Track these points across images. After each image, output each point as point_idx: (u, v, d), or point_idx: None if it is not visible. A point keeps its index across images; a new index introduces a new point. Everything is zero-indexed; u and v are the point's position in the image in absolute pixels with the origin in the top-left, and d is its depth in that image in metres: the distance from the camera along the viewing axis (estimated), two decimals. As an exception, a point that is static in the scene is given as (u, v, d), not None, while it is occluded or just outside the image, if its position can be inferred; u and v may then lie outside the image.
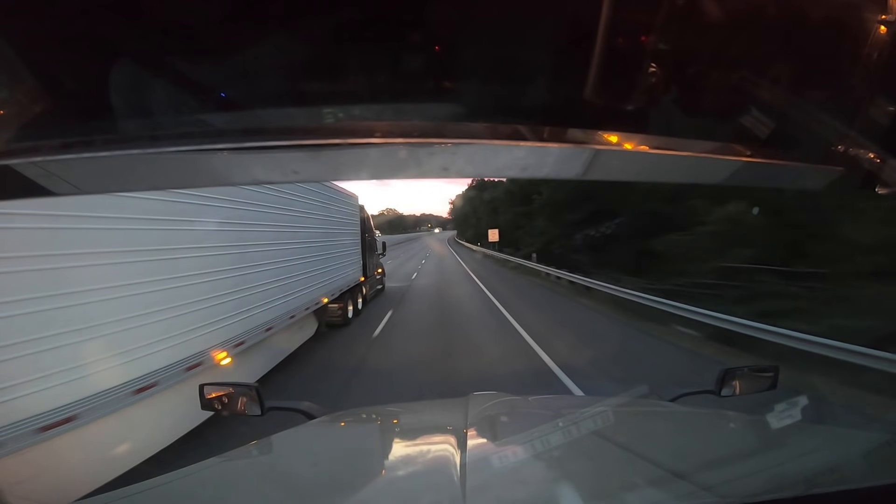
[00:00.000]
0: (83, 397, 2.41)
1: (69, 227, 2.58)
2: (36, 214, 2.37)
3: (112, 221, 2.87)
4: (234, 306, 4.15)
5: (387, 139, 0.62)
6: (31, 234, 2.31)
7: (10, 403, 2.05)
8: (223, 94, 0.62)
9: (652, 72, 0.57)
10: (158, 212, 3.34)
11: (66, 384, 2.34)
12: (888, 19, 0.58)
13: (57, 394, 2.29)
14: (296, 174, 0.76)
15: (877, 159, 0.66)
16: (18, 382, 2.12)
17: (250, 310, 4.48)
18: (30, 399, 2.16)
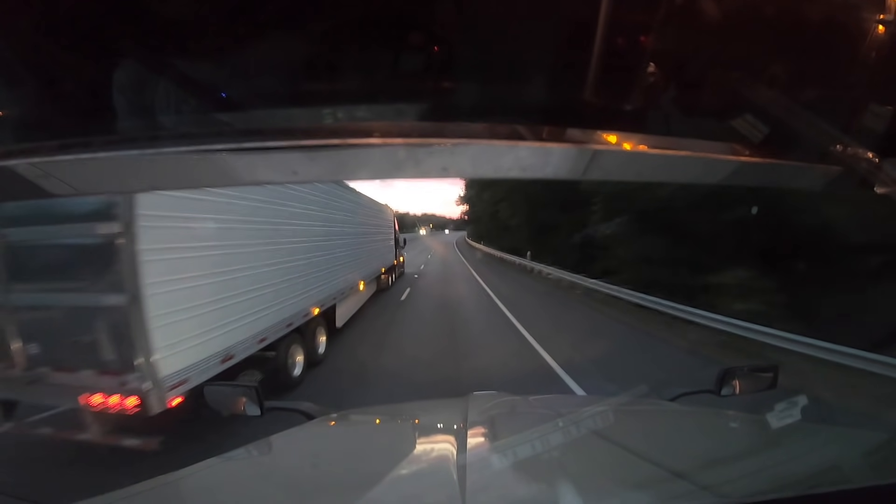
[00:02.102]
0: (238, 342, 3.74)
1: (219, 226, 3.60)
2: (195, 217, 3.30)
3: (245, 222, 4.05)
4: (327, 276, 6.16)
5: (386, 139, 0.62)
6: (198, 231, 3.27)
7: (201, 347, 3.23)
8: (223, 95, 0.62)
9: (651, 72, 0.57)
10: (277, 215, 4.66)
11: (227, 334, 3.60)
12: (886, 19, 0.58)
13: (224, 340, 3.53)
14: (295, 174, 0.76)
15: (875, 159, 0.67)
16: (211, 329, 3.35)
17: (342, 274, 6.94)
18: (215, 342, 3.40)
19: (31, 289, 2.85)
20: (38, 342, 2.84)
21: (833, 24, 0.60)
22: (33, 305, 2.87)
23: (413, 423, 1.64)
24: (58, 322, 2.83)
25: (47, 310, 2.85)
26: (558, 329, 8.50)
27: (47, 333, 2.86)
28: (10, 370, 2.84)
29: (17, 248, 2.76)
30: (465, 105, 0.64)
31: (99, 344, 2.71)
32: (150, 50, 0.57)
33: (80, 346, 2.74)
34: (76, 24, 0.53)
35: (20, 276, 2.83)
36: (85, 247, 2.64)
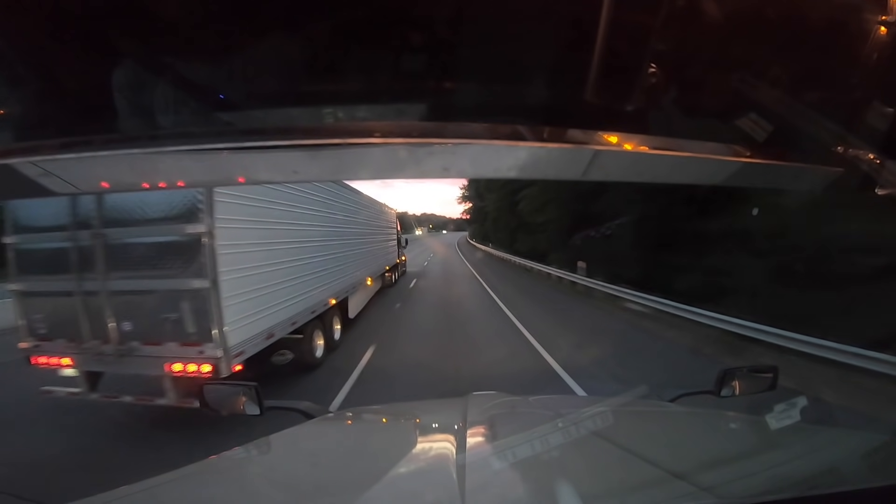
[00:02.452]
0: (277, 323, 4.49)
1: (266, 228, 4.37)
2: (251, 220, 4.07)
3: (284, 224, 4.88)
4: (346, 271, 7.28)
5: (387, 139, 0.62)
6: (252, 232, 4.08)
7: (254, 324, 4.00)
8: (222, 95, 0.62)
9: (652, 72, 0.57)
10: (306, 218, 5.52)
11: (285, 311, 4.64)
12: (888, 20, 0.58)
13: (269, 321, 4.29)
14: (295, 174, 0.76)
15: (876, 160, 0.66)
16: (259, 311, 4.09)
17: (353, 270, 7.85)
18: (262, 322, 4.14)
19: (125, 276, 3.46)
20: (131, 321, 3.49)
21: (834, 26, 0.60)
22: (127, 290, 3.48)
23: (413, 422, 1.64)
24: (149, 303, 3.45)
25: (140, 294, 3.47)
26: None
27: (139, 313, 3.48)
28: (104, 346, 3.51)
29: (113, 245, 3.43)
30: (465, 105, 0.64)
31: (183, 320, 3.40)
32: (152, 49, 0.57)
33: (168, 322, 3.41)
34: (77, 24, 0.53)
35: (116, 267, 3.45)
36: (176, 242, 3.36)
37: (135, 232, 3.40)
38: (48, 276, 3.64)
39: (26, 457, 3.29)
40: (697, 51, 0.60)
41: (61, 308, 3.61)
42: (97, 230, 3.42)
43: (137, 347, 3.49)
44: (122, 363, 3.53)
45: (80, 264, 3.50)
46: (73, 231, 3.47)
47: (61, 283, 3.57)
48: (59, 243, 3.52)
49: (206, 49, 0.57)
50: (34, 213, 3.61)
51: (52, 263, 3.59)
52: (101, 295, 3.49)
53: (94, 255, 3.46)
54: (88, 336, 3.57)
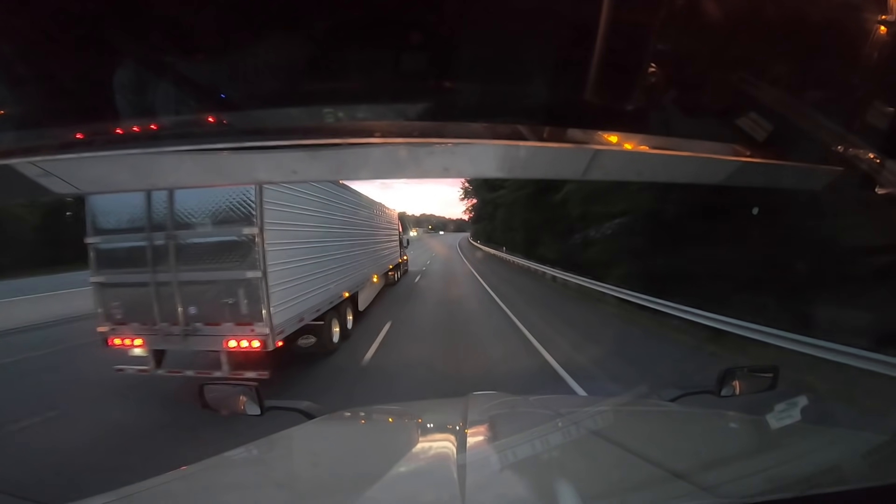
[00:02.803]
0: (306, 309, 5.22)
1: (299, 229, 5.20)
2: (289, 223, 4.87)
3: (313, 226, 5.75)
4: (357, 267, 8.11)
5: (387, 139, 0.62)
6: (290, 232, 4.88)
7: (299, 306, 4.96)
8: (223, 95, 0.62)
9: (652, 72, 0.57)
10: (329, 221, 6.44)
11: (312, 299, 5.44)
12: (888, 20, 0.58)
13: (300, 307, 5.05)
14: (295, 174, 0.76)
15: (876, 160, 0.66)
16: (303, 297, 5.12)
17: (363, 268, 8.67)
18: (300, 307, 5.01)
19: (192, 269, 4.20)
20: (196, 306, 4.23)
21: (834, 26, 0.60)
22: (193, 281, 4.22)
23: (413, 422, 1.64)
24: (211, 291, 4.22)
25: (204, 283, 4.23)
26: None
27: (202, 299, 4.23)
28: (172, 327, 4.26)
29: (183, 244, 4.20)
30: (466, 105, 0.64)
31: (239, 304, 4.17)
32: (152, 50, 0.57)
33: (226, 306, 4.18)
34: (78, 25, 0.53)
35: (185, 261, 4.20)
36: (234, 242, 4.15)
37: (201, 233, 4.19)
38: (125, 270, 4.37)
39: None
40: (697, 50, 0.60)
41: (135, 297, 4.34)
42: (170, 232, 4.19)
43: (200, 328, 4.26)
44: (187, 342, 4.28)
45: (154, 260, 4.24)
46: (148, 233, 4.23)
47: (137, 275, 4.30)
48: (136, 243, 4.28)
49: (207, 49, 0.57)
50: (112, 217, 4.36)
51: (129, 259, 4.34)
52: (172, 285, 4.24)
53: (167, 252, 4.20)
54: (159, 319, 4.28)
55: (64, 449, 3.48)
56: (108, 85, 0.56)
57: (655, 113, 0.63)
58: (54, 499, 2.70)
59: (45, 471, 3.12)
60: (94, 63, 0.57)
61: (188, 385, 4.11)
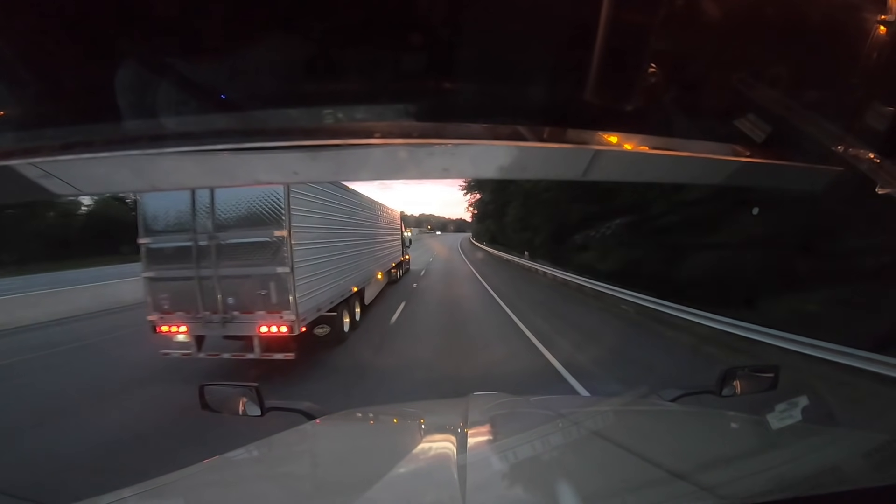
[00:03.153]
0: (322, 301, 6.03)
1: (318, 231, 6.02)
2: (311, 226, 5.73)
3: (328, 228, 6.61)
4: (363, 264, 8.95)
5: (387, 140, 0.62)
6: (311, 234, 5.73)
7: (317, 297, 5.83)
8: (223, 96, 0.62)
9: (652, 72, 0.57)
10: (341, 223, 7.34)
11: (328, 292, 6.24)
12: (887, 19, 0.58)
13: (318, 298, 5.87)
14: (296, 174, 0.76)
15: (876, 160, 0.66)
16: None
17: (369, 266, 9.53)
18: (318, 298, 5.80)
19: (231, 265, 5.00)
20: (233, 297, 5.05)
21: (834, 25, 0.60)
22: (232, 275, 5.01)
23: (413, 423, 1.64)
24: (246, 284, 5.03)
25: (240, 277, 5.02)
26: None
27: (239, 291, 5.05)
28: (213, 315, 5.10)
29: (223, 244, 4.99)
30: (465, 106, 0.64)
31: (270, 295, 4.97)
32: (152, 50, 0.57)
33: (259, 297, 5.00)
34: (78, 25, 0.53)
35: (224, 258, 5.00)
36: (267, 242, 4.93)
37: (239, 234, 5.00)
38: (172, 266, 5.11)
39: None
40: (697, 51, 0.60)
41: (181, 289, 5.11)
42: (212, 234, 4.99)
43: (237, 316, 5.09)
44: (225, 328, 5.14)
45: (197, 257, 5.02)
46: (193, 234, 4.99)
47: (182, 271, 5.06)
48: (182, 243, 5.05)
49: (207, 50, 0.57)
50: (161, 220, 5.13)
51: (175, 257, 5.09)
52: (213, 279, 5.04)
53: (209, 251, 5.02)
54: (202, 309, 5.09)
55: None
56: (108, 86, 0.56)
57: (655, 113, 0.63)
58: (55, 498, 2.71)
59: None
60: (94, 64, 0.57)
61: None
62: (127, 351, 6.75)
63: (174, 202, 5.05)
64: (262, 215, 4.95)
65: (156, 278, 5.20)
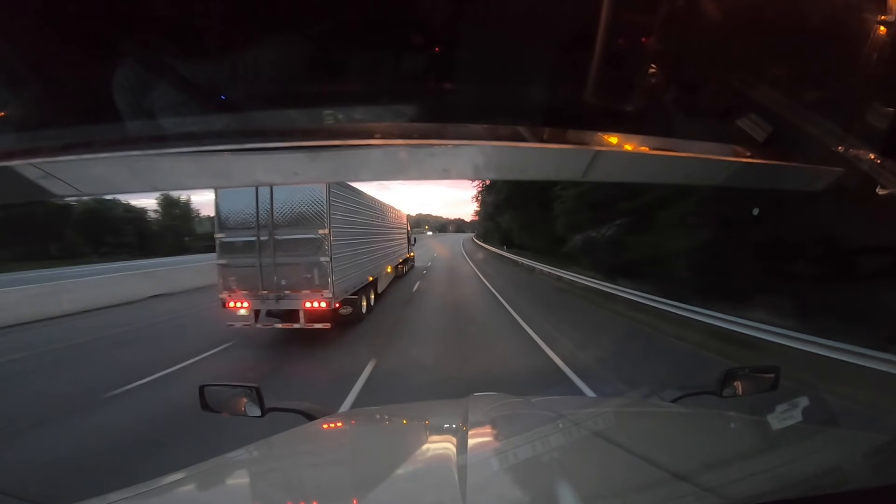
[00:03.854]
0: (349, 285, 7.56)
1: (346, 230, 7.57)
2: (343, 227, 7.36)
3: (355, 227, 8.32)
4: (377, 258, 10.57)
5: (387, 140, 0.62)
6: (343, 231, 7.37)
7: (359, 277, 8.31)
8: (223, 97, 0.62)
9: (652, 73, 0.57)
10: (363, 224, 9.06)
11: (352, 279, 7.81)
12: (888, 20, 0.58)
13: (347, 283, 7.39)
14: (296, 175, 0.76)
15: (876, 160, 0.66)
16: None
17: (381, 259, 11.14)
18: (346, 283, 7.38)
19: (284, 255, 6.51)
20: (285, 279, 6.51)
21: (834, 26, 0.60)
22: (285, 263, 6.52)
23: (414, 423, 1.64)
24: (296, 270, 6.51)
25: (291, 264, 6.51)
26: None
27: (290, 275, 6.52)
28: (269, 294, 6.53)
29: (279, 239, 6.48)
30: (466, 106, 0.64)
31: (314, 278, 6.46)
32: (152, 51, 0.57)
33: (305, 279, 6.47)
34: (78, 25, 0.53)
35: (280, 250, 6.51)
36: (313, 238, 6.44)
37: (292, 232, 6.51)
38: (240, 255, 6.63)
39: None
40: (697, 51, 0.60)
41: (246, 273, 6.62)
42: (271, 230, 6.52)
43: (288, 294, 6.54)
44: (278, 303, 6.59)
45: (259, 249, 6.57)
46: (256, 231, 6.54)
47: (247, 259, 6.59)
48: (248, 238, 6.56)
49: (207, 50, 0.57)
50: (231, 220, 6.65)
51: (242, 248, 6.61)
52: (271, 265, 6.54)
53: (269, 244, 6.54)
54: (261, 288, 6.55)
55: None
56: (108, 86, 0.56)
57: (655, 114, 0.63)
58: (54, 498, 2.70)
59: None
60: (95, 64, 0.57)
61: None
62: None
63: (242, 207, 6.56)
64: (309, 218, 6.50)
65: (227, 265, 6.74)
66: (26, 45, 0.54)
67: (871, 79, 0.61)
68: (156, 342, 7.44)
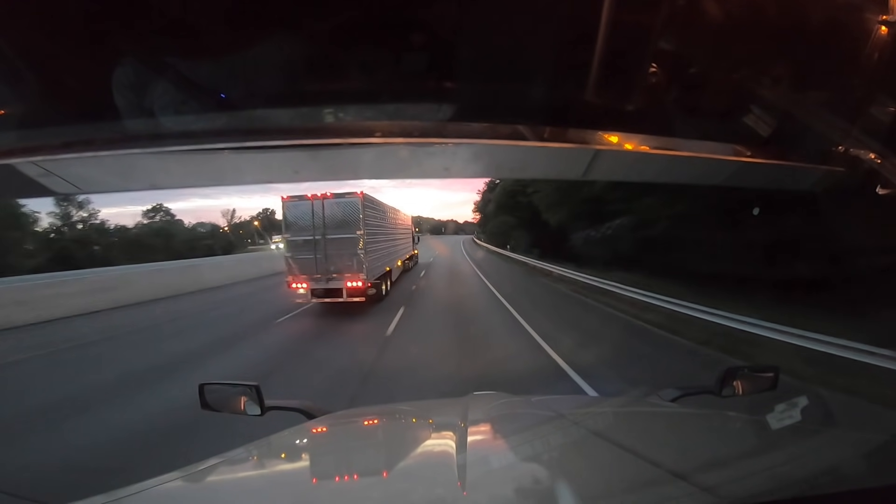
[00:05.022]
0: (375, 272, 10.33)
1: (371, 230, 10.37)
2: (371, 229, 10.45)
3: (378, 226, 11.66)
4: (390, 253, 13.14)
5: (387, 139, 0.62)
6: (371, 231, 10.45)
7: (381, 267, 11.15)
8: (223, 95, 0.62)
9: (653, 72, 0.57)
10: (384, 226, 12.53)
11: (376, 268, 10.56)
12: (889, 20, 0.58)
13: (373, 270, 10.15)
14: (297, 174, 0.76)
15: (877, 160, 0.66)
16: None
17: (393, 254, 14.03)
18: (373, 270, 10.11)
19: (333, 249, 9.23)
20: (333, 266, 9.25)
21: (835, 26, 0.60)
22: (333, 254, 9.25)
23: (413, 422, 1.64)
24: (341, 259, 9.23)
25: (337, 255, 9.23)
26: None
27: (337, 263, 9.25)
28: (322, 277, 9.29)
29: (329, 238, 9.25)
30: (466, 105, 0.64)
31: (353, 265, 9.27)
32: (154, 49, 0.57)
33: (347, 266, 9.25)
34: (79, 24, 0.53)
35: (330, 246, 9.26)
36: (352, 237, 9.27)
37: (337, 233, 9.15)
38: (301, 250, 9.28)
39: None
40: (698, 51, 0.60)
41: (305, 263, 9.24)
42: (323, 232, 9.16)
43: (335, 276, 9.16)
44: (328, 283, 9.22)
45: (315, 246, 9.20)
46: (312, 233, 9.18)
47: (307, 253, 9.23)
48: (307, 237, 9.23)
49: (208, 49, 0.57)
50: (295, 224, 9.31)
51: (304, 245, 9.26)
52: (323, 257, 9.16)
53: (321, 242, 9.18)
54: (316, 273, 9.19)
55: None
56: (109, 85, 0.56)
57: (656, 113, 0.63)
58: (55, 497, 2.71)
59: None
60: (96, 63, 0.57)
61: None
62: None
63: (302, 215, 9.34)
64: (349, 223, 9.28)
65: (291, 257, 9.44)
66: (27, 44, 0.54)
67: (871, 78, 0.61)
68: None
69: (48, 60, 0.57)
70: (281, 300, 10.38)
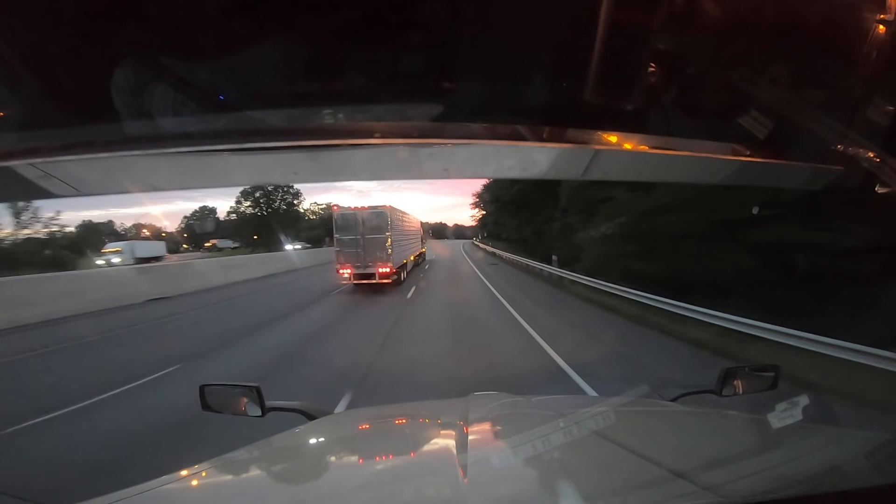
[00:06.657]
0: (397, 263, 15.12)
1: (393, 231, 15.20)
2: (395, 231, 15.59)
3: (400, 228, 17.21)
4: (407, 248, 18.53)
5: (386, 140, 0.62)
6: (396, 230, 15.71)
7: (401, 259, 16.13)
8: (222, 97, 0.62)
9: (651, 72, 0.57)
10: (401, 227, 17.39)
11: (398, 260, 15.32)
12: (887, 19, 0.58)
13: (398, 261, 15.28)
14: (296, 175, 0.76)
15: (876, 159, 0.66)
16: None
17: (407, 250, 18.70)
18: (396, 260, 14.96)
19: (370, 245, 13.86)
20: (369, 257, 13.87)
21: (833, 25, 0.60)
22: (370, 249, 13.90)
23: (414, 422, 1.64)
24: (374, 252, 13.93)
25: (372, 249, 13.89)
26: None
27: (372, 254, 13.90)
28: (360, 265, 13.82)
29: (367, 238, 13.86)
30: (465, 105, 0.64)
31: (384, 257, 13.97)
32: (152, 51, 0.57)
33: (378, 257, 13.98)
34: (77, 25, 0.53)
35: (367, 243, 13.89)
36: (383, 237, 14.07)
37: (373, 233, 13.66)
38: (347, 247, 13.65)
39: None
40: (697, 50, 0.60)
41: (350, 254, 13.58)
42: (363, 233, 13.67)
43: (371, 264, 13.54)
44: (366, 269, 13.54)
45: (356, 243, 13.64)
46: (355, 233, 13.66)
47: (351, 248, 13.62)
48: (352, 236, 13.63)
49: (207, 50, 0.57)
50: (342, 228, 13.86)
51: (349, 243, 13.66)
52: (362, 251, 13.62)
53: (362, 241, 13.64)
54: (357, 261, 13.52)
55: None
56: (107, 86, 0.56)
57: (655, 113, 0.63)
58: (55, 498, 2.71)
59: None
60: (94, 65, 0.57)
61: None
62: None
63: (348, 221, 13.49)
64: (381, 227, 13.28)
65: (339, 251, 13.50)
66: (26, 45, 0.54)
67: (870, 77, 0.61)
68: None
69: (47, 62, 0.57)
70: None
